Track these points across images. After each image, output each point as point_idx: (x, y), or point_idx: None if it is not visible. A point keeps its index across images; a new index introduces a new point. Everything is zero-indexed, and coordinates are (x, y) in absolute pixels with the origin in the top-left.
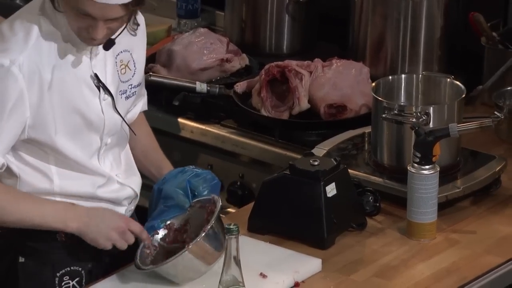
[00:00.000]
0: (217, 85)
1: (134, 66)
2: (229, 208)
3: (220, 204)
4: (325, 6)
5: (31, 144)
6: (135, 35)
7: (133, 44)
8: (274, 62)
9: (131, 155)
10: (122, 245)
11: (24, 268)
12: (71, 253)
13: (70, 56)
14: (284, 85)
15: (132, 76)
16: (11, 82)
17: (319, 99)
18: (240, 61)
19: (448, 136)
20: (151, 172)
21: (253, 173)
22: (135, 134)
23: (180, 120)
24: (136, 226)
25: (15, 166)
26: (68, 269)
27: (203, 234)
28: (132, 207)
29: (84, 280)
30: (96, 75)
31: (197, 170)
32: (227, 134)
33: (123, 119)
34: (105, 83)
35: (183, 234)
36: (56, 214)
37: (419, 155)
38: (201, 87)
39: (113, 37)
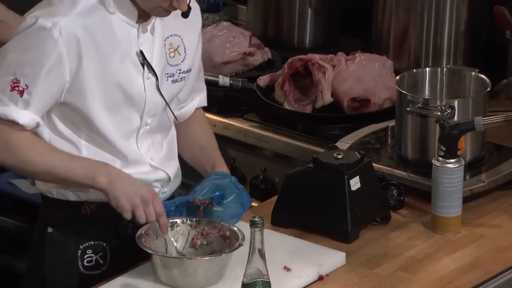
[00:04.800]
0: (239, 79)
1: (185, 52)
2: (251, 202)
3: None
4: (348, 0)
5: (65, 110)
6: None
7: (184, 29)
8: (297, 56)
9: (175, 145)
10: (140, 216)
11: (51, 238)
12: (96, 227)
13: (117, 30)
14: (307, 78)
15: (182, 61)
16: (50, 44)
17: (342, 92)
18: (262, 55)
19: (473, 130)
20: (206, 169)
21: (275, 167)
22: (177, 120)
23: None
24: (160, 207)
25: (47, 133)
26: (92, 242)
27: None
28: (166, 190)
29: (109, 256)
30: (141, 52)
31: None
32: (250, 128)
33: (166, 102)
34: (150, 62)
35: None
36: (85, 169)
37: (444, 148)
38: (223, 80)
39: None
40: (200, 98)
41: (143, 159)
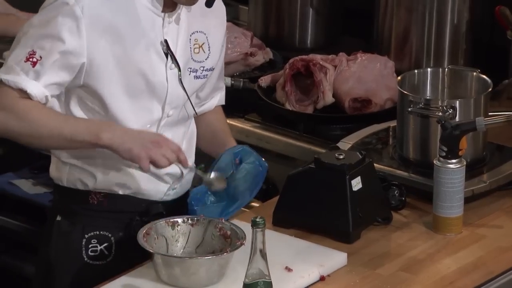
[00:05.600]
0: (241, 79)
1: (209, 50)
2: (253, 202)
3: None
4: (349, 0)
5: (82, 94)
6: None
7: (209, 28)
8: (299, 56)
9: (195, 141)
10: (160, 159)
11: (59, 226)
12: (102, 218)
13: (142, 17)
14: (309, 79)
15: (206, 59)
16: (71, 21)
17: (344, 93)
18: (264, 55)
19: (474, 130)
20: (218, 152)
21: (277, 167)
22: (196, 114)
23: None
24: (174, 144)
25: None
26: (97, 232)
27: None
28: (176, 186)
29: (114, 248)
30: (166, 41)
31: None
32: (251, 128)
33: (187, 95)
34: (174, 53)
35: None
36: (89, 127)
37: (445, 149)
38: (225, 81)
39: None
40: (220, 97)
41: None
